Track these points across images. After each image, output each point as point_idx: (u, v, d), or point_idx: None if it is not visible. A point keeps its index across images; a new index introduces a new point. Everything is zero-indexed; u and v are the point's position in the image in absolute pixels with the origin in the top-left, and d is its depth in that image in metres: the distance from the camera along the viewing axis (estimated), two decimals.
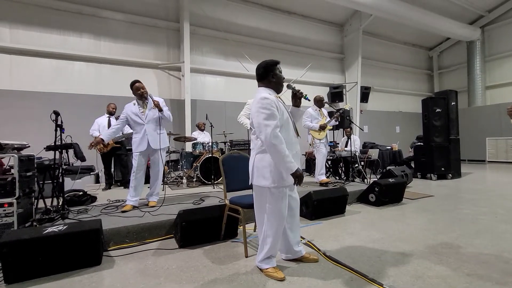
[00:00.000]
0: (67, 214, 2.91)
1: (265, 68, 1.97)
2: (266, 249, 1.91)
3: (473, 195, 4.43)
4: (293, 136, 1.93)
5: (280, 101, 1.93)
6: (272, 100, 1.83)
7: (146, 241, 2.56)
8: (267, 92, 1.91)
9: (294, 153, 1.89)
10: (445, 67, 12.30)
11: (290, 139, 1.89)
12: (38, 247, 1.91)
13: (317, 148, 4.63)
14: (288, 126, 1.91)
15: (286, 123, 1.90)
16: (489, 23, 10.44)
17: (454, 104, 6.38)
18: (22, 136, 3.88)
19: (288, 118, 1.92)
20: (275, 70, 1.96)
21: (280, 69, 1.99)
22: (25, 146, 2.98)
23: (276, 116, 1.80)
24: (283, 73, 2.03)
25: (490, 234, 2.61)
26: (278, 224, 1.88)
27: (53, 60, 6.00)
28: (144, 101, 3.31)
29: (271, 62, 1.98)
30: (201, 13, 7.44)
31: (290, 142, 1.89)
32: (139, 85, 3.28)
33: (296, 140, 1.95)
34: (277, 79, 1.97)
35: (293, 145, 1.91)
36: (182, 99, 7.09)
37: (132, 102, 3.33)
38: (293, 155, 1.85)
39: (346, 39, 9.92)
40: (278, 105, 1.87)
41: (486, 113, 10.09)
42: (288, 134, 1.89)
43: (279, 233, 1.92)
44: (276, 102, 1.86)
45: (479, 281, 1.75)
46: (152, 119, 3.29)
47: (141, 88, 3.27)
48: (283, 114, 1.89)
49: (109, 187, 4.87)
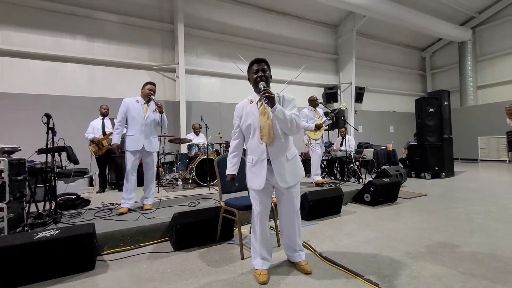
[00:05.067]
0: (60, 218, 2.86)
1: (247, 70, 1.97)
2: (251, 247, 1.98)
3: (466, 194, 4.48)
4: (256, 141, 1.85)
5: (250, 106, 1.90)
6: (236, 109, 1.96)
7: (141, 245, 2.53)
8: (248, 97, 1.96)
9: (257, 158, 1.85)
10: (437, 67, 12.46)
11: (252, 144, 1.88)
12: (30, 253, 1.88)
13: (313, 149, 4.64)
14: (251, 132, 1.87)
15: (248, 129, 1.88)
16: (480, 24, 10.62)
17: (447, 104, 6.45)
18: (13, 139, 3.81)
19: (253, 125, 1.85)
20: (249, 72, 1.92)
21: (255, 68, 1.87)
22: (16, 149, 2.92)
23: (234, 124, 1.96)
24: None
25: (484, 232, 2.64)
26: (255, 224, 1.92)
27: (46, 62, 5.91)
28: (147, 102, 3.31)
29: (249, 64, 1.93)
30: (195, 14, 7.42)
31: (254, 148, 1.87)
32: (152, 88, 3.34)
33: (261, 145, 1.82)
34: (251, 81, 1.92)
35: (256, 151, 1.85)
36: (177, 100, 7.05)
37: (134, 99, 3.30)
38: (256, 161, 1.86)
39: (340, 40, 9.99)
40: (242, 112, 1.92)
41: (478, 112, 10.25)
42: (251, 139, 1.88)
43: (256, 233, 1.92)
44: (239, 110, 1.94)
45: (474, 280, 1.76)
46: (151, 121, 3.28)
47: (153, 92, 3.33)
48: (246, 120, 1.88)
49: (103, 190, 4.81)
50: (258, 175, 1.85)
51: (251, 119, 1.86)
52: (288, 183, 1.84)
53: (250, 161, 1.92)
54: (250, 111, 1.89)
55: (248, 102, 1.93)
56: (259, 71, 1.86)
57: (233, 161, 1.98)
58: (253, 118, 1.86)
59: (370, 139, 8.89)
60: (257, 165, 1.86)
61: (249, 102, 1.92)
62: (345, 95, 9.87)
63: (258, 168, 1.85)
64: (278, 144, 1.83)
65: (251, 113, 1.88)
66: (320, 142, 4.69)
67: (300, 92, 8.41)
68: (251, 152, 1.91)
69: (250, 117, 1.87)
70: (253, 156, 1.88)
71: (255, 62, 1.90)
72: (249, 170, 1.92)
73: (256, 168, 1.87)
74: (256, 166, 1.86)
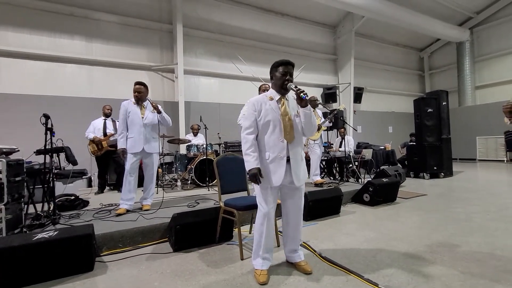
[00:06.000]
0: (58, 220, 2.85)
1: (271, 67, 1.99)
2: (253, 246, 1.97)
3: (465, 193, 4.49)
4: (276, 138, 1.86)
5: (271, 103, 1.90)
6: (252, 103, 1.91)
7: (140, 246, 2.52)
8: (265, 94, 1.96)
9: (275, 155, 1.85)
10: (435, 67, 12.51)
11: (271, 141, 1.87)
12: (28, 254, 1.86)
13: (312, 149, 4.65)
14: (270, 128, 1.87)
15: (267, 125, 1.87)
16: (478, 24, 10.67)
17: (445, 104, 6.48)
18: (11, 140, 3.79)
19: (273, 121, 1.86)
20: (275, 71, 1.94)
21: (283, 70, 1.89)
22: (14, 150, 2.91)
23: (249, 119, 1.90)
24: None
25: (483, 232, 2.65)
26: (261, 222, 1.91)
27: (44, 63, 5.89)
28: (141, 104, 3.27)
29: (275, 63, 1.96)
30: (194, 15, 7.41)
31: (272, 144, 1.86)
32: (138, 88, 3.22)
33: (282, 143, 1.85)
34: (276, 80, 1.94)
35: (275, 147, 1.86)
36: (176, 101, 7.04)
37: (131, 101, 3.28)
38: (274, 158, 1.85)
39: (339, 41, 10.01)
40: (261, 107, 1.90)
41: (476, 112, 10.29)
42: (270, 136, 1.87)
43: (261, 232, 1.91)
44: (257, 105, 1.90)
45: (473, 279, 1.77)
46: (150, 122, 3.27)
47: (138, 92, 3.21)
48: (266, 116, 1.87)
49: (101, 191, 4.79)
50: (275, 171, 1.84)
51: (272, 116, 1.87)
52: (301, 182, 1.92)
53: (266, 158, 1.88)
54: (270, 107, 1.89)
55: (267, 98, 1.92)
56: (288, 74, 1.89)
57: (254, 154, 1.86)
58: (275, 115, 1.87)
59: (369, 139, 8.91)
60: (275, 162, 1.85)
61: (269, 99, 1.92)
62: (344, 96, 9.88)
63: (276, 165, 1.85)
64: (296, 143, 1.91)
65: (272, 110, 1.88)
66: (319, 142, 4.69)
67: None
68: (268, 148, 1.88)
69: (271, 114, 1.87)
70: (271, 152, 1.86)
71: (285, 64, 1.91)
72: (266, 167, 1.88)
73: (273, 165, 1.85)
74: (274, 163, 1.85)
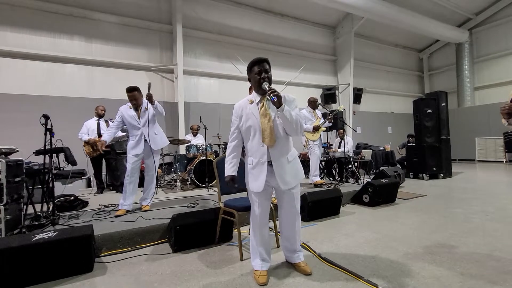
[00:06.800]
0: (58, 220, 2.84)
1: (246, 71, 1.91)
2: (251, 248, 1.97)
3: (464, 194, 4.50)
4: (257, 143, 1.82)
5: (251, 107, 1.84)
6: (235, 109, 1.91)
7: (139, 246, 2.52)
8: (247, 98, 1.91)
9: (257, 160, 1.82)
10: (435, 68, 12.53)
11: (253, 146, 1.84)
12: (27, 255, 1.86)
13: (311, 150, 4.65)
14: (251, 133, 1.83)
15: (248, 130, 1.84)
16: (477, 25, 10.69)
17: (444, 105, 6.48)
18: (10, 141, 3.78)
19: (253, 126, 1.81)
20: (251, 72, 1.84)
21: (257, 69, 1.79)
22: (13, 150, 2.90)
23: (233, 125, 1.91)
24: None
25: (482, 233, 2.65)
26: (254, 225, 1.92)
27: (44, 63, 5.88)
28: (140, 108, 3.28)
29: (249, 64, 1.85)
30: (194, 15, 7.42)
31: (254, 149, 1.84)
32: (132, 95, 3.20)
33: (262, 148, 1.80)
34: (253, 82, 1.86)
35: (257, 152, 1.82)
36: (175, 101, 7.04)
37: (128, 105, 3.29)
38: (256, 163, 1.83)
39: (339, 41, 10.02)
40: (242, 112, 1.87)
41: (475, 113, 10.31)
42: (251, 141, 1.85)
43: (256, 235, 1.92)
44: (239, 110, 1.89)
45: (472, 280, 1.77)
46: (145, 121, 3.26)
47: (134, 100, 3.22)
48: (246, 121, 1.83)
49: (101, 191, 4.79)
50: (257, 177, 1.83)
51: (252, 121, 1.82)
52: (288, 185, 1.84)
53: (250, 163, 1.88)
54: (250, 112, 1.83)
55: (248, 102, 1.87)
56: (262, 72, 1.79)
57: (233, 161, 1.92)
58: (254, 120, 1.81)
59: (369, 140, 8.91)
60: (257, 167, 1.83)
61: (249, 103, 1.86)
62: (343, 96, 9.89)
63: (258, 170, 1.83)
64: (279, 146, 1.82)
65: (252, 114, 1.83)
66: (319, 143, 4.69)
67: (299, 93, 8.40)
68: (251, 154, 1.87)
69: (251, 119, 1.82)
70: (253, 158, 1.86)
71: (257, 62, 1.81)
72: (249, 172, 1.89)
73: (255, 170, 1.84)
74: (256, 168, 1.84)
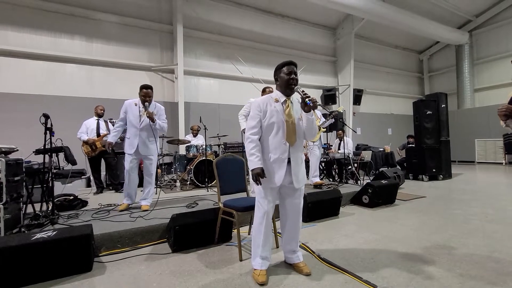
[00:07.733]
0: (57, 219, 2.84)
1: (274, 70, 2.00)
2: (252, 246, 1.96)
3: (464, 195, 4.50)
4: (279, 140, 1.88)
5: (276, 105, 1.91)
6: (258, 104, 1.92)
7: (139, 246, 2.52)
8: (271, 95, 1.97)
9: (277, 157, 1.87)
10: (435, 70, 12.55)
11: (275, 143, 1.89)
12: (26, 254, 1.86)
13: (311, 151, 4.65)
14: (274, 130, 1.88)
15: (271, 127, 1.89)
16: (477, 27, 10.72)
17: (444, 106, 6.49)
18: (10, 140, 3.78)
19: (277, 123, 1.88)
20: (280, 72, 1.95)
21: (287, 70, 1.91)
22: (13, 149, 2.90)
23: (254, 119, 1.91)
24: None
25: (481, 234, 2.65)
26: (259, 223, 1.92)
27: (44, 62, 5.88)
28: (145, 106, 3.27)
29: (279, 64, 1.97)
30: (194, 16, 7.42)
31: (275, 146, 1.89)
32: (147, 93, 3.24)
33: (284, 145, 1.88)
34: (281, 81, 1.94)
35: (278, 149, 1.88)
36: (175, 101, 7.04)
37: (133, 101, 3.30)
38: (276, 159, 1.88)
39: (339, 42, 10.03)
40: (266, 108, 1.91)
41: (475, 115, 10.32)
42: (274, 137, 1.89)
43: (260, 233, 1.91)
44: (263, 105, 1.91)
45: (472, 281, 1.77)
46: (146, 126, 3.27)
47: (147, 96, 3.24)
48: (270, 118, 1.89)
49: (100, 191, 4.78)
50: (277, 172, 1.87)
51: (276, 118, 1.89)
52: (300, 183, 1.94)
53: (268, 158, 1.91)
54: (275, 109, 1.90)
55: (273, 100, 1.93)
56: (292, 74, 1.90)
57: (258, 154, 1.88)
58: (279, 117, 1.89)
59: (368, 141, 8.92)
60: (277, 163, 1.88)
61: (274, 101, 1.93)
62: (343, 97, 9.90)
63: (278, 166, 1.88)
64: (297, 146, 1.93)
65: (276, 111, 1.90)
66: (318, 144, 4.70)
67: None
68: (271, 149, 1.90)
69: (275, 116, 1.89)
70: (273, 154, 1.89)
71: (288, 64, 1.93)
72: (268, 167, 1.90)
73: (275, 165, 1.88)
74: (276, 164, 1.88)
